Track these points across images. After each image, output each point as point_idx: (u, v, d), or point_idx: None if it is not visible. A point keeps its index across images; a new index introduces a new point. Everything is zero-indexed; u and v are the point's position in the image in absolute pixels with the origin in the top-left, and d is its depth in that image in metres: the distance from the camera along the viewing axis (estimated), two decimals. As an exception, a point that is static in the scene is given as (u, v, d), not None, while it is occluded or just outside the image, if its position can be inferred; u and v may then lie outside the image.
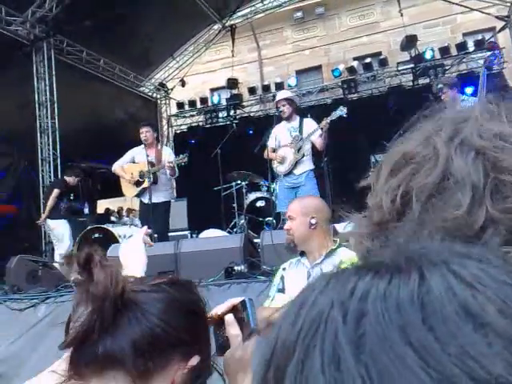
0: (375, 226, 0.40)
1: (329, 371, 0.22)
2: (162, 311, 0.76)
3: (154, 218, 5.35)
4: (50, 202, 6.46)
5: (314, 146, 5.21)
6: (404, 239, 0.35)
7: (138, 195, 5.64)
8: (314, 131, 5.09)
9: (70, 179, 6.82)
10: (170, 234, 5.96)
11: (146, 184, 5.45)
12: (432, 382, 0.21)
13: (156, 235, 5.46)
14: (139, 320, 0.74)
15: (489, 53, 8.53)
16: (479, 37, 9.49)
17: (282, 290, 2.29)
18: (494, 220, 0.34)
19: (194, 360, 0.79)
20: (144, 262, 1.21)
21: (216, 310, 1.07)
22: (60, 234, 6.52)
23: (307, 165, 5.21)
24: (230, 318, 1.05)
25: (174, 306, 0.78)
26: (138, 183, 5.57)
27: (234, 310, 1.05)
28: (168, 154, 5.67)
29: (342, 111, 5.08)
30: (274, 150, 5.29)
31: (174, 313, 0.78)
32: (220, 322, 1.05)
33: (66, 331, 0.74)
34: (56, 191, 6.51)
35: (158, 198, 5.49)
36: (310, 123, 5.26)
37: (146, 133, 5.52)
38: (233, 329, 1.03)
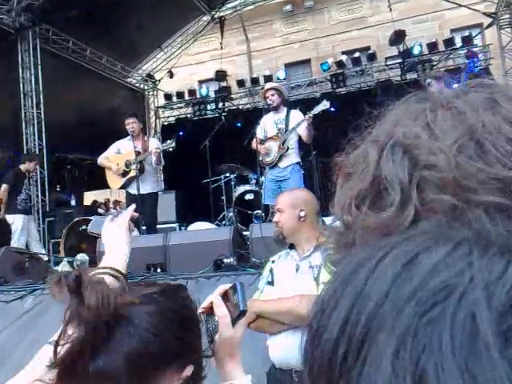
0: (336, 235, 0.42)
1: (462, 354, 0.20)
2: (154, 325, 0.74)
3: (142, 209, 5.32)
4: (2, 198, 6.30)
5: (300, 139, 5.20)
6: None
7: (124, 186, 5.59)
8: (298, 123, 5.07)
9: (26, 166, 6.64)
10: (158, 226, 5.93)
11: (132, 173, 5.41)
12: None
13: (144, 227, 5.44)
14: (131, 336, 0.72)
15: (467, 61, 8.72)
16: (466, 33, 9.58)
17: (271, 283, 2.30)
18: (422, 214, 0.35)
19: (189, 370, 0.78)
20: (129, 249, 1.13)
21: (207, 300, 1.08)
22: (14, 228, 6.37)
23: (292, 158, 5.19)
24: (217, 299, 1.06)
25: (166, 318, 0.77)
26: (123, 174, 5.53)
27: (224, 295, 1.07)
28: (155, 144, 5.64)
29: (324, 105, 5.09)
30: (262, 141, 5.27)
31: (166, 325, 0.76)
32: (211, 310, 1.06)
33: (54, 351, 0.71)
34: (4, 186, 6.34)
35: (145, 189, 5.46)
36: (296, 115, 5.22)
37: (132, 124, 5.47)
38: (220, 310, 1.04)
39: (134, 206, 1.28)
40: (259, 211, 5.67)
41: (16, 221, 6.37)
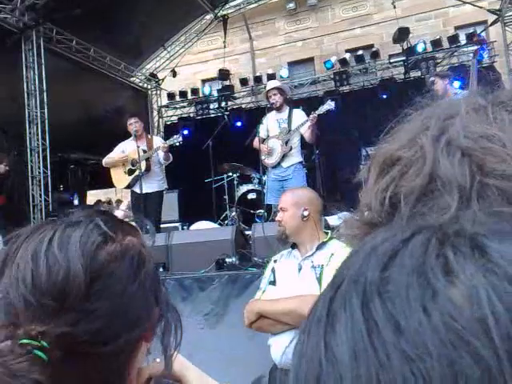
0: (366, 227, 0.40)
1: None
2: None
3: (147, 208, 5.32)
4: None
5: (303, 138, 5.19)
6: None
7: (130, 186, 5.59)
8: (302, 123, 5.06)
9: None
10: (161, 225, 5.93)
11: (138, 172, 5.41)
12: None
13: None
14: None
15: (476, 47, 8.61)
16: (471, 30, 9.51)
17: (273, 283, 2.29)
18: None
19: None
20: None
21: None
22: None
23: (295, 157, 5.18)
24: None
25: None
26: (130, 172, 5.53)
27: None
28: (159, 142, 5.65)
29: (329, 105, 5.10)
30: (263, 141, 5.26)
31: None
32: None
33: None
34: None
35: (150, 187, 5.47)
36: (299, 115, 5.22)
37: (135, 123, 5.47)
38: None
39: None
40: (262, 211, 5.66)
41: None
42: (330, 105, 5.08)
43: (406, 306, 0.23)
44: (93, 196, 10.33)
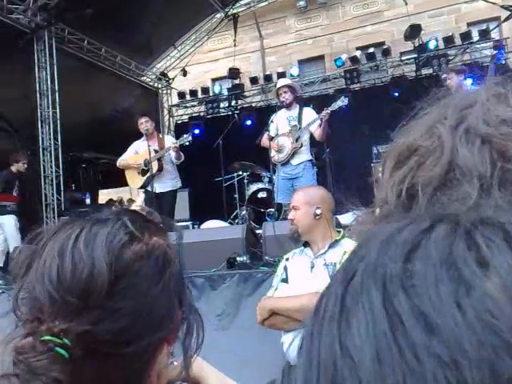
0: (381, 222, 0.38)
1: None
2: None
3: (160, 207, 5.33)
4: None
5: (312, 137, 5.16)
6: None
7: (144, 186, 5.60)
8: (313, 121, 5.04)
9: (15, 167, 6.55)
10: (172, 224, 5.93)
11: (150, 172, 5.43)
12: None
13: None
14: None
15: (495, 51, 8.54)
16: (484, 26, 9.39)
17: (285, 280, 2.28)
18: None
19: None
20: None
21: None
22: (4, 230, 6.34)
23: (305, 155, 5.16)
24: None
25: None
26: (143, 172, 5.55)
27: None
28: (170, 141, 5.66)
29: (343, 102, 5.07)
30: (272, 138, 5.24)
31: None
32: None
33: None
34: None
35: (164, 187, 5.48)
36: (309, 112, 5.20)
37: (145, 123, 5.48)
38: None
39: None
40: (272, 209, 5.64)
41: (6, 222, 6.35)
42: (343, 101, 5.05)
43: (437, 302, 0.20)
44: (104, 195, 10.41)
